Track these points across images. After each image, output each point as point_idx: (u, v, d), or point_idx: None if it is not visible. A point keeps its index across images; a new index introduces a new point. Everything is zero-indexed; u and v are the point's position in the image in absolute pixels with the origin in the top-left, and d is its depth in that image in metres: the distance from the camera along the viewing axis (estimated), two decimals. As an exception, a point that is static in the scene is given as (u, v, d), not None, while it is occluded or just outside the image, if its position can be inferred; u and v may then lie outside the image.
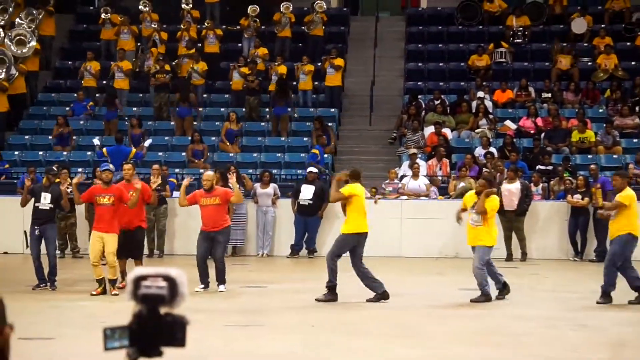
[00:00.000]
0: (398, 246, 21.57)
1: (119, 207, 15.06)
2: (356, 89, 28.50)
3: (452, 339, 11.57)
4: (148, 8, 28.81)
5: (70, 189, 16.30)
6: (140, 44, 28.55)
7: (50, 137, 25.74)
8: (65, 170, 18.77)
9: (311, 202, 21.36)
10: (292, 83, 26.89)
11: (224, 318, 12.88)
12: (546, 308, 14.19)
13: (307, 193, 21.43)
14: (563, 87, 27.15)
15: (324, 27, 28.89)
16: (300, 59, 27.17)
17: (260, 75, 26.84)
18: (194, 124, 26.18)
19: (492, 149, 23.91)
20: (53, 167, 18.82)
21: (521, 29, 28.95)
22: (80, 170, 22.83)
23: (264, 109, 26.86)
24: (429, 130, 25.25)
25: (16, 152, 25.46)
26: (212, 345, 10.62)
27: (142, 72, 27.81)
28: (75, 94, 27.39)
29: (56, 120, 25.84)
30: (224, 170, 18.29)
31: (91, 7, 32.88)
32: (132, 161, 21.08)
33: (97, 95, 27.48)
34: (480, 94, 26.50)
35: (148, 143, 24.36)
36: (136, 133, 24.84)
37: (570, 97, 26.85)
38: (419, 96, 26.92)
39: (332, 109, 27.00)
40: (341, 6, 33.00)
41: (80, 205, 19.92)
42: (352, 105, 28.28)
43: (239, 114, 25.98)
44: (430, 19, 30.99)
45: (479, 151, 24.06)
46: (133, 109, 27.19)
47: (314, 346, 11.11)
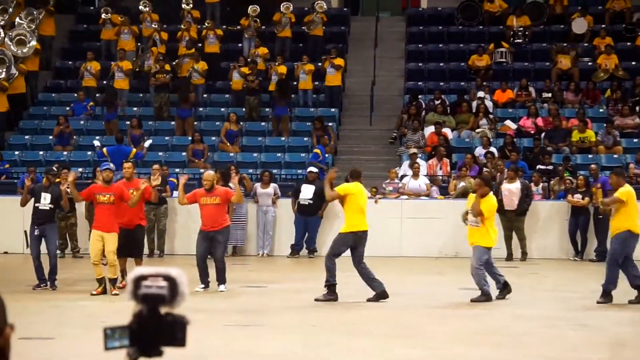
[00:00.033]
0: (398, 246, 21.57)
1: (119, 205, 15.07)
2: (356, 89, 28.49)
3: (452, 339, 11.56)
4: (148, 8, 28.80)
5: (69, 189, 16.29)
6: (140, 44, 28.55)
7: (51, 137, 25.74)
8: (65, 170, 18.74)
9: (311, 202, 21.36)
10: (292, 83, 26.90)
11: (224, 318, 12.88)
12: (546, 308, 14.19)
13: (307, 193, 21.43)
14: (563, 87, 27.15)
15: (324, 27, 28.89)
16: (300, 58, 27.18)
17: (261, 75, 26.83)
18: (195, 124, 26.19)
19: (492, 149, 23.92)
20: (53, 167, 18.83)
21: (521, 29, 28.94)
22: (80, 170, 22.84)
23: (264, 109, 26.87)
24: (429, 130, 25.26)
25: (16, 152, 25.47)
26: (212, 345, 10.61)
27: (142, 72, 27.81)
28: (76, 94, 27.39)
29: (56, 120, 25.86)
30: (225, 170, 18.28)
31: (91, 7, 32.91)
32: (132, 160, 21.06)
33: (97, 95, 27.49)
34: (481, 94, 26.49)
35: (148, 143, 24.37)
36: (136, 134, 24.85)
37: (570, 97, 26.84)
38: (419, 96, 26.92)
39: (332, 109, 27.00)
40: (341, 6, 32.99)
41: (81, 205, 19.94)
42: (352, 105, 28.27)
43: (239, 114, 25.98)
44: (431, 19, 30.98)
45: (479, 151, 24.07)
46: (133, 109, 27.20)
47: (314, 346, 11.11)
